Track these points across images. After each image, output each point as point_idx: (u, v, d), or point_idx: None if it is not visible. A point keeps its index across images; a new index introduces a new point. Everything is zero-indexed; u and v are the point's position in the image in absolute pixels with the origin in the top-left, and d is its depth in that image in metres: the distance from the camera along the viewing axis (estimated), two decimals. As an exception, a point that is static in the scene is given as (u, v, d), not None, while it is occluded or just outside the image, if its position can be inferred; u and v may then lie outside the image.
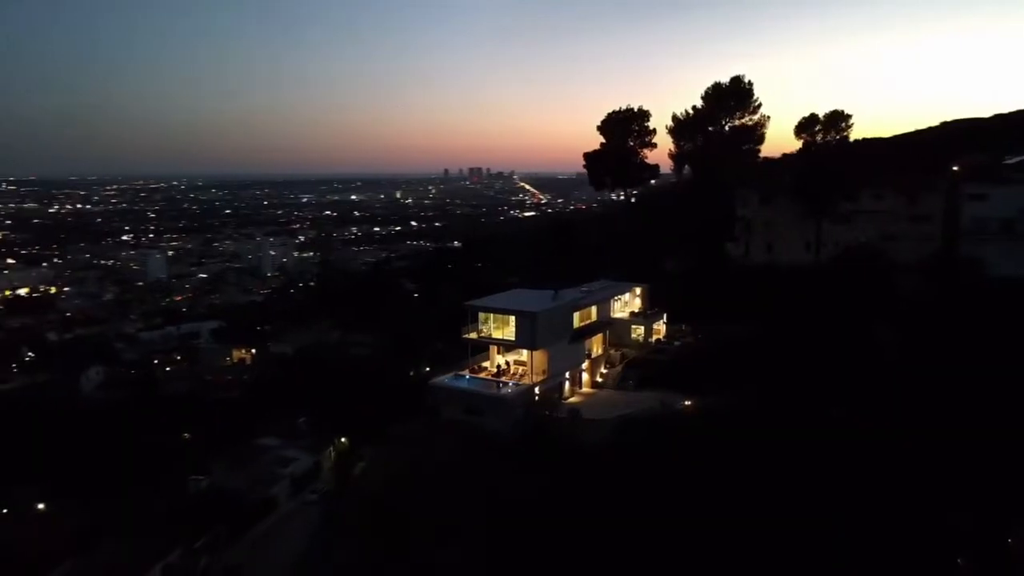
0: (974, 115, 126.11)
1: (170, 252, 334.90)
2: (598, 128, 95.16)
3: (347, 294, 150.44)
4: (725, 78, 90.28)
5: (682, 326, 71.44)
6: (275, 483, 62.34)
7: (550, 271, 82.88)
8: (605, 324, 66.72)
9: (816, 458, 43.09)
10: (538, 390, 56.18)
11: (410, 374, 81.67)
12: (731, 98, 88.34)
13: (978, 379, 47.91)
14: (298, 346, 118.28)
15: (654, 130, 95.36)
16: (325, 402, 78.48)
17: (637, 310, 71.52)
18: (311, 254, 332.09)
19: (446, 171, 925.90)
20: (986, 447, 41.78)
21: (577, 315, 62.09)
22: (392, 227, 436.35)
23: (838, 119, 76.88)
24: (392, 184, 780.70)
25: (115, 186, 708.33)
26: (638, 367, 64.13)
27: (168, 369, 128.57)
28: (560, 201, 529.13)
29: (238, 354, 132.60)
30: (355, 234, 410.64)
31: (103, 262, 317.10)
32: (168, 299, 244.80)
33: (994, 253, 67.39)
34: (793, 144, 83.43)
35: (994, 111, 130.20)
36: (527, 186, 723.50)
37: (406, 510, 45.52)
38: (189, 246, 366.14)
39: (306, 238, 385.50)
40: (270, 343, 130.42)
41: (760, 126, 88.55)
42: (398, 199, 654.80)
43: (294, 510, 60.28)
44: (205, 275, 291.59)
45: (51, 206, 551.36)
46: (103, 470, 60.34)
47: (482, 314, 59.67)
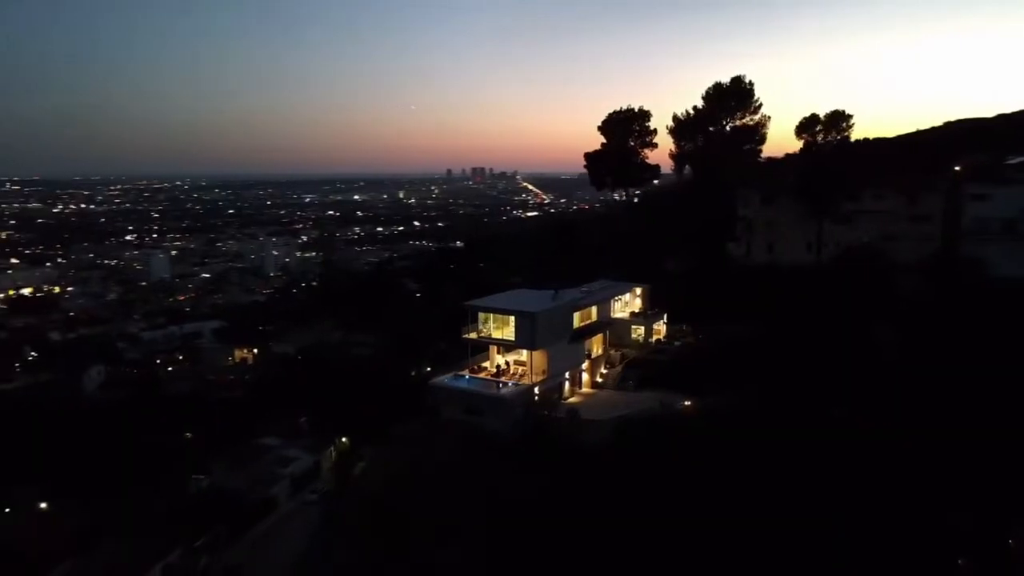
0: (977, 115, 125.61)
1: (173, 252, 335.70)
2: (599, 128, 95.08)
3: (350, 294, 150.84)
4: (726, 78, 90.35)
5: (683, 326, 71.30)
6: (275, 483, 62.50)
7: (553, 271, 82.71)
8: (605, 324, 66.63)
9: (816, 458, 43.07)
10: (538, 390, 56.11)
11: (412, 374, 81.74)
12: (732, 98, 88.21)
13: (979, 379, 47.80)
14: (300, 346, 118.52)
15: (655, 130, 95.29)
16: (326, 402, 78.70)
17: (637, 310, 71.44)
18: (314, 254, 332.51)
19: (449, 171, 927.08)
20: (987, 447, 41.73)
21: (577, 315, 61.99)
22: (395, 227, 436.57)
23: (839, 119, 76.68)
24: (395, 184, 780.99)
25: (119, 186, 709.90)
26: (638, 367, 64.02)
27: (170, 369, 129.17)
28: (563, 201, 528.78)
29: (240, 354, 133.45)
30: (358, 234, 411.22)
31: (107, 262, 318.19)
32: (171, 299, 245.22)
33: (996, 253, 67.23)
34: (794, 144, 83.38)
35: (998, 111, 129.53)
36: (530, 186, 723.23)
37: (406, 510, 45.53)
38: (192, 246, 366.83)
39: (309, 238, 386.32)
40: (272, 343, 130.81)
41: (761, 126, 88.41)
42: (401, 199, 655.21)
43: (294, 510, 60.41)
44: (208, 275, 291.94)
45: (55, 206, 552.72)
46: (103, 470, 60.44)
47: (482, 314, 59.58)
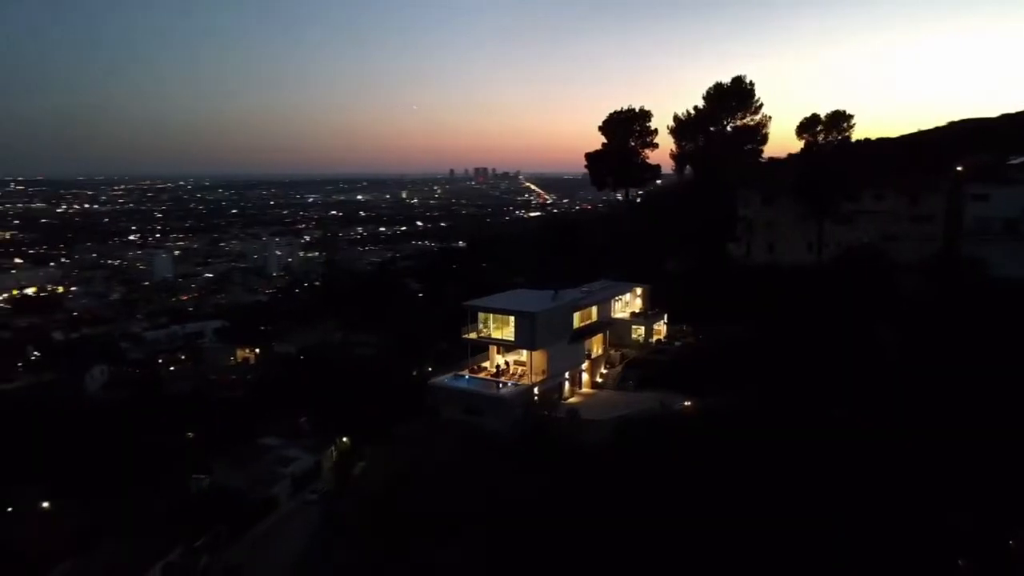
0: (981, 115, 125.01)
1: (176, 252, 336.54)
2: (599, 128, 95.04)
3: (352, 294, 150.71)
4: (726, 78, 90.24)
5: (683, 326, 71.28)
6: (276, 483, 62.58)
7: (555, 271, 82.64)
8: (605, 324, 66.64)
9: (816, 458, 43.02)
10: (537, 390, 56.15)
11: (413, 374, 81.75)
12: (732, 98, 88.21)
13: (980, 379, 47.69)
14: (302, 346, 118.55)
15: (655, 130, 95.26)
16: (328, 402, 78.76)
17: (638, 310, 71.42)
18: (316, 254, 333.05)
19: (452, 171, 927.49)
20: (987, 448, 41.64)
21: (577, 315, 61.98)
22: (398, 227, 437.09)
23: (840, 119, 76.59)
24: (398, 184, 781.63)
25: (122, 186, 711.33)
26: (638, 367, 64.01)
27: (172, 368, 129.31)
28: (566, 201, 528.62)
29: (242, 354, 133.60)
30: (360, 234, 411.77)
31: (110, 262, 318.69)
32: (174, 299, 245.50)
33: (997, 253, 67.05)
34: (795, 144, 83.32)
35: (1002, 111, 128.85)
36: (533, 186, 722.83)
37: (406, 510, 45.55)
38: (195, 246, 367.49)
39: (312, 238, 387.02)
40: (274, 343, 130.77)
41: (762, 126, 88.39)
42: (404, 199, 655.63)
43: (294, 510, 60.44)
44: (211, 275, 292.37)
45: (59, 206, 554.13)
46: (104, 470, 60.54)
47: (482, 314, 59.64)
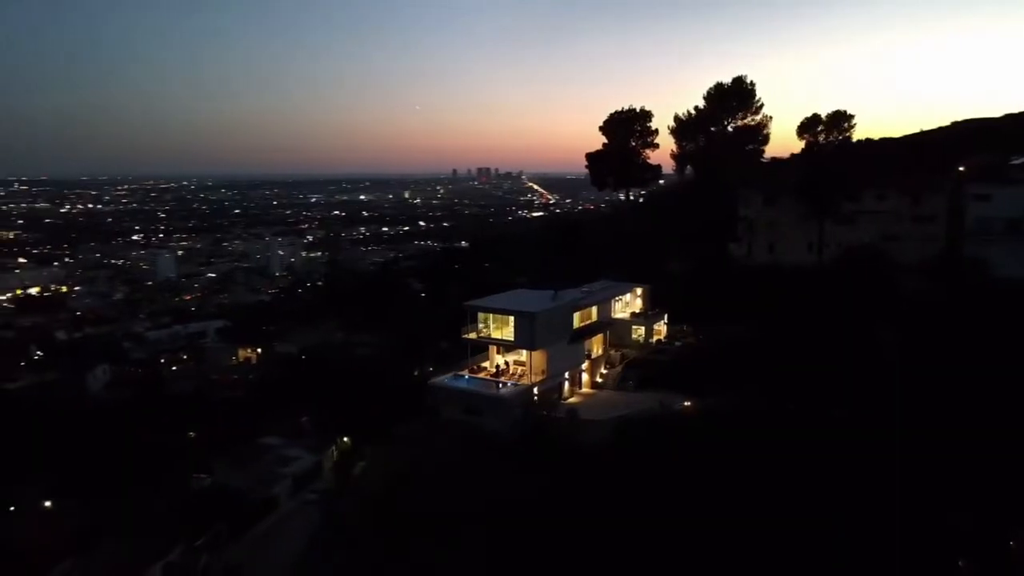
0: (985, 115, 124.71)
1: (179, 252, 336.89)
2: (600, 128, 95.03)
3: (355, 294, 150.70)
4: (727, 78, 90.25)
5: (683, 326, 71.32)
6: (276, 482, 62.42)
7: (558, 271, 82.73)
8: (606, 324, 66.67)
9: (817, 458, 42.96)
10: (537, 390, 56.23)
11: (415, 374, 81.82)
12: (733, 98, 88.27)
13: (980, 380, 47.59)
14: (303, 346, 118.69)
15: (656, 130, 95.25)
16: (329, 402, 78.75)
17: (638, 310, 71.44)
18: (319, 254, 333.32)
19: (454, 171, 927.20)
20: (988, 448, 41.52)
21: (577, 315, 62.03)
22: (400, 227, 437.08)
23: (840, 119, 76.60)
24: (400, 184, 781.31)
25: (126, 186, 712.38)
26: (638, 367, 64.05)
27: (174, 368, 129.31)
28: (568, 201, 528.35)
29: (244, 353, 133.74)
30: (363, 234, 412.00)
31: (113, 261, 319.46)
32: (177, 298, 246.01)
33: (999, 254, 67.02)
34: (797, 144, 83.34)
35: (1005, 111, 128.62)
36: (535, 186, 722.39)
37: (406, 510, 45.58)
38: (198, 246, 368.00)
39: (314, 238, 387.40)
40: (276, 343, 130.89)
41: (762, 126, 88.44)
42: (406, 199, 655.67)
43: (294, 509, 60.29)
44: (214, 275, 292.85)
45: (62, 206, 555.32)
46: (106, 469, 60.60)
47: (481, 314, 59.74)
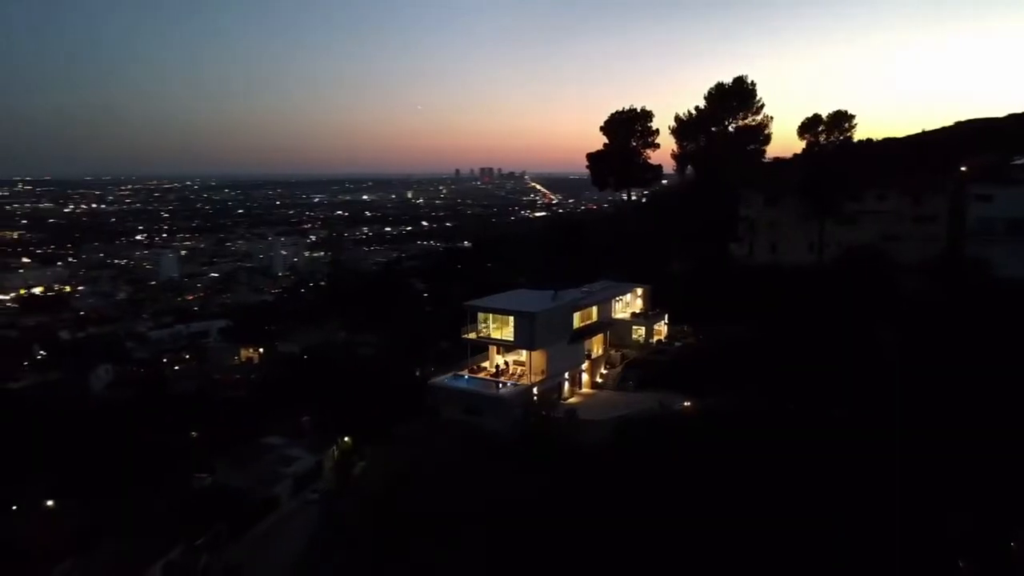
0: (988, 115, 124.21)
1: (183, 252, 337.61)
2: (601, 129, 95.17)
3: (358, 294, 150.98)
4: (728, 78, 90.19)
5: (684, 327, 71.29)
6: (277, 482, 62.55)
7: (560, 271, 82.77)
8: (606, 325, 66.67)
9: (817, 458, 42.92)
10: (537, 390, 56.25)
11: (416, 374, 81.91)
12: (734, 98, 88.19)
13: (981, 380, 47.50)
14: (306, 346, 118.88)
15: (657, 130, 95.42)
16: (330, 402, 78.84)
17: (638, 311, 71.43)
18: (322, 254, 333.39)
19: (457, 171, 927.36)
20: (989, 448, 41.43)
21: (577, 315, 62.05)
22: (403, 227, 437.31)
23: (841, 119, 76.55)
24: (403, 184, 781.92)
25: (129, 186, 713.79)
26: (638, 368, 64.05)
27: (177, 368, 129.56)
28: (571, 201, 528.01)
29: (246, 353, 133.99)
30: (366, 234, 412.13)
31: (117, 261, 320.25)
32: (180, 298, 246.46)
33: (1000, 254, 66.80)
34: (798, 144, 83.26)
35: (1008, 111, 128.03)
36: (538, 186, 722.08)
37: (406, 510, 45.62)
38: (202, 246, 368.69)
39: (317, 238, 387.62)
40: (278, 342, 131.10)
41: (763, 126, 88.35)
42: (409, 199, 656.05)
43: (295, 509, 60.47)
44: (217, 274, 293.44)
45: (66, 206, 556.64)
46: (106, 469, 60.73)
47: (481, 314, 59.79)
